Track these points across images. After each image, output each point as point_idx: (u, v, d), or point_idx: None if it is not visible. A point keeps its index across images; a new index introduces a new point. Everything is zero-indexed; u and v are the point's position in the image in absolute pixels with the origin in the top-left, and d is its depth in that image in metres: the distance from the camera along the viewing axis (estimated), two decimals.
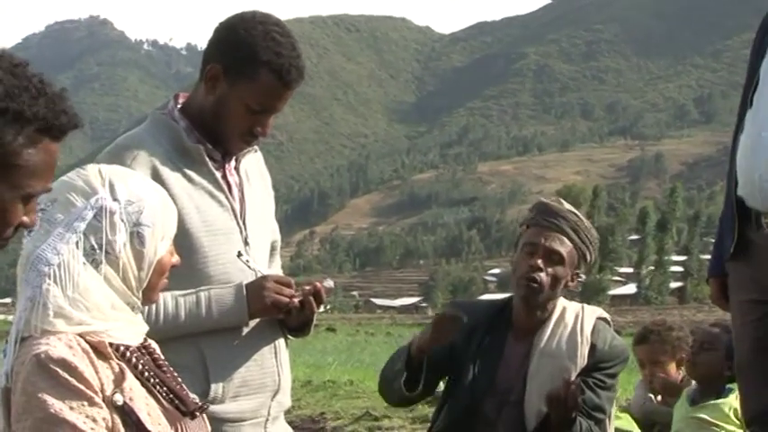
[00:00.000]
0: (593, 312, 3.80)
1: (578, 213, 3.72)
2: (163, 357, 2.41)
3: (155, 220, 2.29)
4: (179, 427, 2.27)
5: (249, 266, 2.99)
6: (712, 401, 4.41)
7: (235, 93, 2.94)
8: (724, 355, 4.37)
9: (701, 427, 4.32)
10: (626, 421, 4.55)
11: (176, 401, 2.29)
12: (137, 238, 2.26)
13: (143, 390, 2.23)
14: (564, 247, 3.64)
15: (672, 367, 4.86)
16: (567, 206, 3.73)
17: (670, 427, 4.63)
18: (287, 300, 2.98)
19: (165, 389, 2.29)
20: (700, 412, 4.42)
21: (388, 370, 3.77)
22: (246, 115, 2.96)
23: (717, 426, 4.35)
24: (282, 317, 3.05)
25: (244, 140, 3.04)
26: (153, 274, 2.31)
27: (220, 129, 3.00)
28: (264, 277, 2.99)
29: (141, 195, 2.29)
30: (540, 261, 3.62)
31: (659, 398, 4.91)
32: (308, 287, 3.05)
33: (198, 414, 2.33)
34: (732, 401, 4.35)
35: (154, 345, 2.42)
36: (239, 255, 2.97)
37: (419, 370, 3.65)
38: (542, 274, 3.62)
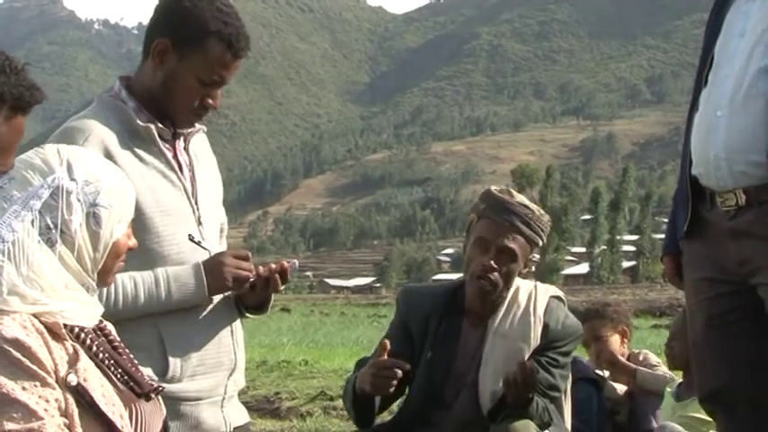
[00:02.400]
0: (546, 291, 3.79)
1: (528, 204, 3.66)
2: (119, 339, 2.39)
3: (112, 202, 2.27)
4: (133, 409, 2.25)
5: (202, 247, 2.99)
6: (694, 397, 4.41)
7: (185, 66, 2.93)
8: None
9: (691, 427, 4.31)
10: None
11: (131, 383, 2.28)
12: (93, 218, 2.24)
13: (97, 371, 2.21)
14: (516, 243, 3.61)
15: (615, 340, 4.91)
16: (518, 198, 3.67)
17: (626, 406, 4.65)
18: (247, 273, 2.99)
19: (119, 370, 2.27)
20: (686, 410, 4.43)
21: (345, 398, 3.78)
22: (197, 88, 2.95)
23: (706, 421, 4.34)
24: (242, 291, 3.05)
25: (195, 114, 3.02)
26: (109, 256, 2.30)
27: (171, 104, 2.98)
28: (222, 253, 2.99)
29: (99, 176, 2.28)
30: (492, 260, 3.60)
31: (607, 374, 4.92)
32: (274, 265, 3.07)
33: (153, 396, 2.32)
34: None
35: (110, 327, 2.40)
36: (191, 237, 2.96)
37: (370, 402, 3.63)
38: (496, 274, 3.60)
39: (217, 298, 3.01)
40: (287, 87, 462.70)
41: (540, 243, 3.69)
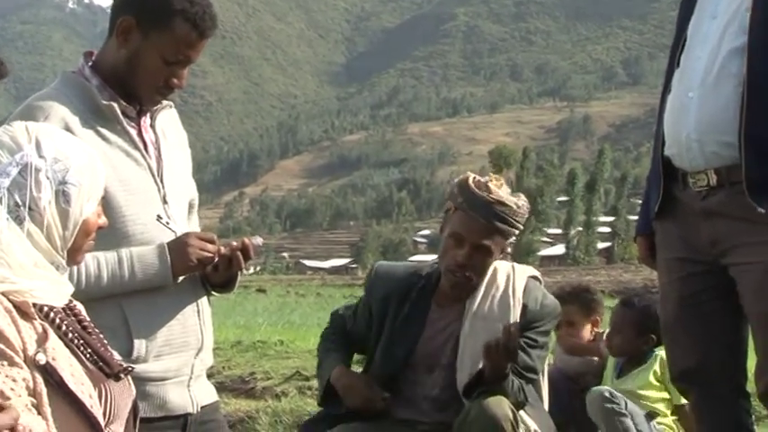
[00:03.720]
0: (524, 272, 3.78)
1: (506, 200, 3.59)
2: (89, 319, 2.37)
3: (81, 180, 2.25)
4: (102, 388, 2.23)
5: (170, 228, 2.96)
6: (636, 370, 4.47)
7: (149, 44, 2.90)
8: (635, 334, 4.45)
9: (629, 399, 4.33)
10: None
11: (100, 363, 2.26)
12: (62, 196, 2.22)
13: (66, 350, 2.19)
14: (491, 240, 3.59)
15: (586, 329, 4.90)
16: (495, 193, 3.59)
17: (594, 376, 4.69)
18: (211, 254, 2.96)
19: (89, 350, 2.25)
20: (624, 384, 4.47)
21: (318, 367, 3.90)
22: (162, 67, 2.92)
23: (641, 395, 4.39)
24: (207, 271, 3.03)
25: (159, 93, 2.99)
26: (78, 234, 2.28)
27: (135, 83, 2.95)
28: (187, 234, 2.96)
29: (68, 154, 2.26)
30: (466, 257, 3.59)
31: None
32: (235, 243, 3.04)
33: (122, 376, 2.30)
34: (655, 366, 4.42)
35: (80, 306, 2.38)
36: (159, 218, 2.93)
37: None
38: (469, 272, 3.61)
39: (182, 277, 2.99)
40: (263, 68, 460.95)
41: (518, 232, 3.67)
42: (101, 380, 2.24)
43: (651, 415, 4.28)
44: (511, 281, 3.71)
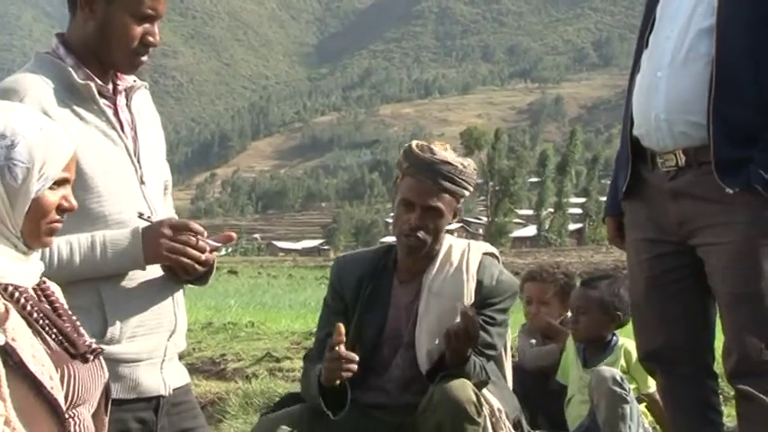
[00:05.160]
0: (479, 248, 3.78)
1: (450, 160, 3.62)
2: (62, 300, 2.36)
3: (32, 157, 2.22)
4: (65, 370, 2.21)
5: (150, 222, 2.92)
6: (602, 362, 4.42)
7: (115, 7, 2.89)
8: (600, 314, 4.43)
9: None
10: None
11: (65, 343, 2.24)
12: (8, 172, 2.20)
13: (29, 330, 2.18)
14: (441, 201, 3.60)
15: (557, 309, 4.89)
16: (440, 155, 3.62)
17: (555, 366, 4.66)
18: (191, 262, 2.91)
19: (54, 330, 2.24)
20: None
21: (307, 392, 3.70)
22: (133, 27, 2.91)
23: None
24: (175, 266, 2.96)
25: (138, 55, 2.97)
26: (32, 214, 2.25)
27: (112, 50, 2.93)
28: (161, 223, 2.92)
29: (18, 130, 2.23)
30: (418, 219, 3.59)
31: (535, 339, 4.93)
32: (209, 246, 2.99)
33: (90, 357, 2.29)
34: (620, 358, 4.42)
35: (54, 287, 2.38)
36: (140, 215, 2.90)
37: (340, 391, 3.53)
38: (422, 232, 3.60)
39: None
40: (234, 48, 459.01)
41: (467, 193, 3.67)
42: (65, 361, 2.21)
43: (639, 399, 4.29)
44: (465, 257, 3.70)
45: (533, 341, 4.90)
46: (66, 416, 2.19)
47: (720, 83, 3.20)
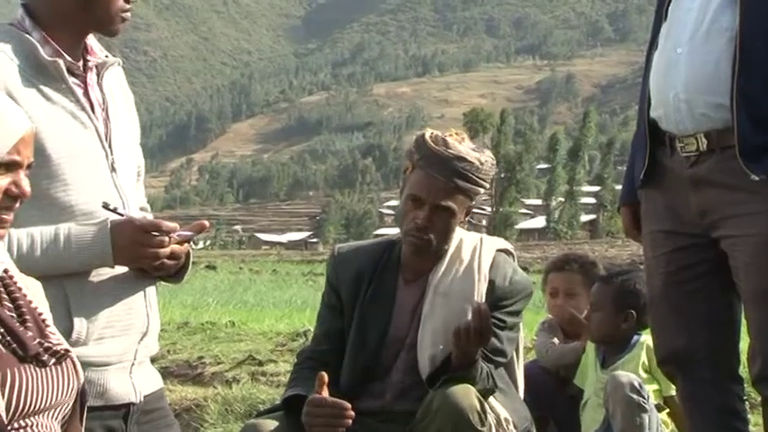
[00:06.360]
0: (492, 245, 3.73)
1: (466, 155, 3.53)
2: (31, 297, 2.34)
3: None
4: (9, 374, 2.11)
5: (118, 213, 2.86)
6: (621, 361, 4.42)
7: None
8: (613, 311, 4.41)
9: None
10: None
11: (13, 345, 2.16)
12: None
13: None
14: (453, 200, 3.54)
15: (585, 302, 4.88)
16: (454, 148, 3.54)
17: (576, 365, 4.67)
18: (155, 257, 2.87)
19: (1, 330, 2.18)
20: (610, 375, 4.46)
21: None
22: None
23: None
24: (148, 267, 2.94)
25: (123, 11, 2.93)
26: None
27: (97, 12, 2.89)
28: (132, 224, 2.85)
29: None
30: (426, 218, 3.54)
31: (557, 337, 4.93)
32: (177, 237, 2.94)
33: (50, 360, 2.22)
34: (642, 355, 4.39)
35: (21, 284, 2.34)
36: (106, 206, 2.83)
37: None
38: (431, 233, 3.56)
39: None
40: (213, 21, 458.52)
41: (482, 191, 3.63)
42: (10, 364, 2.13)
43: (659, 407, 4.28)
44: (477, 254, 3.65)
45: (555, 340, 4.90)
46: (11, 427, 2.10)
47: (745, 59, 3.16)
